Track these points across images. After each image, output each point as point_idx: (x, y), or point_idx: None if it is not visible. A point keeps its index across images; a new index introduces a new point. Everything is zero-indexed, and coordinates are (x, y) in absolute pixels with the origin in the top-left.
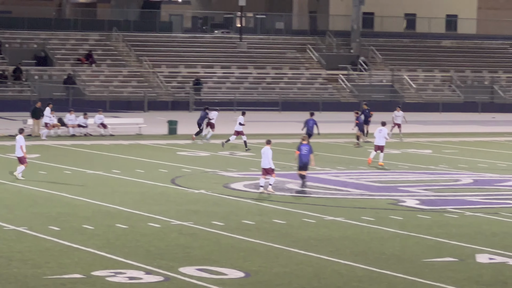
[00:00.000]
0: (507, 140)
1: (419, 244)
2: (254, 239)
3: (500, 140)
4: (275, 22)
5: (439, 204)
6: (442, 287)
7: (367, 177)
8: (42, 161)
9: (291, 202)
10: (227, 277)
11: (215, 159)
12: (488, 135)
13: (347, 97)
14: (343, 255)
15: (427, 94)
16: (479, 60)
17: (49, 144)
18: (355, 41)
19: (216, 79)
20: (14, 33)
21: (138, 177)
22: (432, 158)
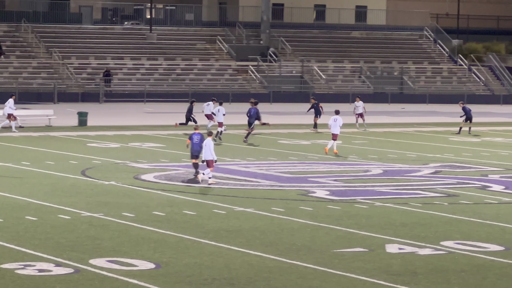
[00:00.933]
0: (416, 131)
1: (329, 235)
2: (164, 230)
3: (410, 131)
4: (185, 14)
5: (349, 194)
6: (352, 277)
7: (277, 168)
8: None
9: (201, 194)
10: (138, 268)
11: (126, 151)
12: (397, 125)
13: (257, 88)
14: (254, 246)
15: (337, 85)
16: (388, 51)
17: None
18: (265, 32)
19: (126, 70)
20: None
21: (48, 169)
22: (342, 149)
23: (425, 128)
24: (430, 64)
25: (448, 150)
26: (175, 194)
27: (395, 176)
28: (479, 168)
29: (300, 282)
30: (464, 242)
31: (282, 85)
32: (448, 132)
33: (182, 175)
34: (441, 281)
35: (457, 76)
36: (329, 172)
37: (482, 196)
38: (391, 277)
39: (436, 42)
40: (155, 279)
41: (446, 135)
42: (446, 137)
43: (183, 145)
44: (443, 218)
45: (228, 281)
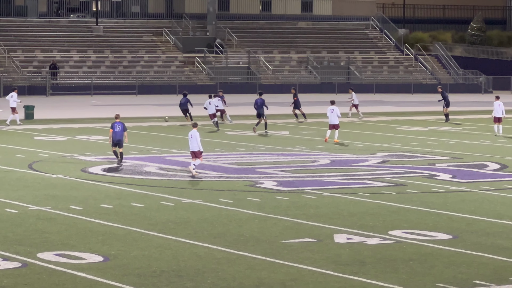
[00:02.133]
0: (364, 121)
1: (277, 226)
2: (112, 223)
3: (357, 121)
4: (131, 6)
5: (296, 185)
6: (300, 267)
7: (224, 159)
8: None
9: (149, 186)
10: (86, 261)
11: (73, 144)
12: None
13: (204, 80)
14: (202, 237)
15: (283, 75)
16: (335, 41)
17: None
18: (211, 24)
19: (73, 63)
20: None
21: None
22: (289, 140)
23: (372, 117)
24: (377, 54)
25: (395, 140)
26: (123, 186)
27: (343, 166)
28: (426, 157)
29: (249, 273)
30: (412, 231)
31: (229, 77)
32: (396, 121)
33: (129, 167)
34: (389, 270)
35: (403, 65)
36: (277, 163)
37: (430, 185)
38: (339, 267)
39: (382, 32)
40: (103, 272)
41: (393, 125)
42: (393, 127)
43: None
44: (391, 207)
45: (176, 273)
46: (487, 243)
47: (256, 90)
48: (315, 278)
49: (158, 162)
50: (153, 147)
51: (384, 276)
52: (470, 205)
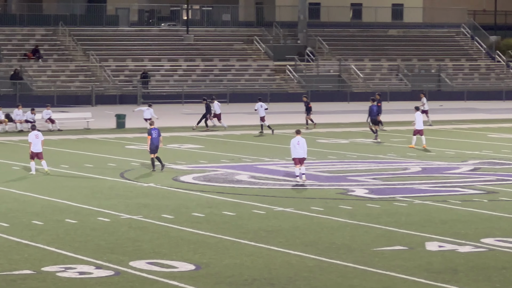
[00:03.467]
0: (454, 128)
1: (368, 233)
2: (204, 232)
3: (448, 128)
4: (222, 14)
5: (388, 193)
6: (392, 275)
7: (315, 167)
8: None
9: (240, 194)
10: (178, 270)
11: (164, 152)
12: (436, 123)
13: (295, 88)
14: (293, 245)
15: (374, 83)
16: (425, 49)
17: None
18: (302, 32)
19: (164, 72)
20: None
21: (87, 172)
22: (381, 147)
23: (464, 125)
24: (468, 61)
25: (486, 147)
26: (214, 195)
27: (434, 174)
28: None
29: (340, 281)
30: (505, 239)
31: (320, 85)
32: (487, 129)
33: (221, 176)
34: (482, 278)
35: (495, 72)
36: (368, 171)
37: None
38: (431, 275)
39: (473, 39)
40: (195, 280)
41: (485, 132)
42: (484, 134)
43: (222, 146)
44: (483, 215)
45: (268, 281)
46: None
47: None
48: (407, 286)
49: (250, 170)
50: (244, 156)
51: (477, 285)
52: None
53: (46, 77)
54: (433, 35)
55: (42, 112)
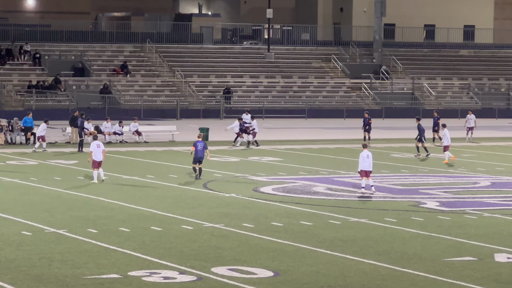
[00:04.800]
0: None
1: (439, 244)
2: (282, 240)
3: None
4: (301, 33)
5: (458, 205)
6: (462, 285)
7: (389, 180)
8: (80, 167)
9: (317, 205)
10: (257, 276)
11: (245, 164)
12: (505, 140)
13: (370, 105)
14: (367, 254)
15: (446, 101)
16: (495, 68)
17: (86, 151)
18: (377, 51)
19: (245, 88)
20: (53, 46)
21: (171, 182)
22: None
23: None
24: None
25: None
26: (292, 205)
27: (503, 188)
28: None
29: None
30: None
31: (394, 101)
32: None
33: (299, 187)
34: None
35: None
36: (439, 184)
37: None
38: (500, 285)
39: None
40: (273, 286)
41: None
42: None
43: (301, 159)
44: None
45: (343, 287)
46: None
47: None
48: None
49: (326, 182)
50: (321, 168)
51: None
52: None
53: (133, 92)
54: (503, 55)
55: (129, 125)
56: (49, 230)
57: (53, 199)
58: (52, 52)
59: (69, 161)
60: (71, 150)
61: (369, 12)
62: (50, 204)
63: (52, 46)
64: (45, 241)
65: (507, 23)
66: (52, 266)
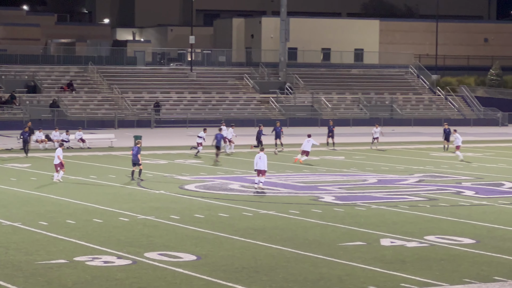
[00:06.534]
0: (403, 148)
1: (335, 232)
2: (203, 229)
3: (398, 148)
4: (219, 56)
5: (350, 199)
6: (354, 265)
7: (293, 178)
8: (33, 170)
9: (232, 200)
10: (183, 260)
11: (172, 166)
12: (388, 144)
13: (276, 115)
14: (275, 241)
15: (340, 112)
16: (381, 84)
17: (39, 156)
18: (282, 71)
19: (172, 102)
20: (9, 67)
21: (111, 181)
22: (345, 163)
23: (411, 146)
24: (414, 94)
25: (429, 163)
26: (212, 200)
27: (387, 184)
28: (454, 177)
29: (312, 269)
30: (443, 236)
31: (297, 113)
32: (429, 149)
33: (217, 185)
34: (425, 267)
35: (436, 104)
36: (335, 182)
37: (457, 200)
38: (385, 265)
39: (419, 77)
40: (196, 268)
41: (428, 151)
42: (427, 153)
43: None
44: (426, 217)
45: (254, 269)
46: (504, 247)
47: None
48: (365, 274)
49: (240, 181)
50: (236, 169)
51: (421, 273)
52: (490, 216)
53: (78, 106)
54: (387, 74)
55: (75, 134)
56: (6, 223)
57: (9, 196)
58: (8, 73)
59: (23, 164)
60: (25, 155)
61: (275, 38)
62: (7, 201)
63: (8, 67)
64: (2, 232)
65: (390, 47)
66: (8, 253)
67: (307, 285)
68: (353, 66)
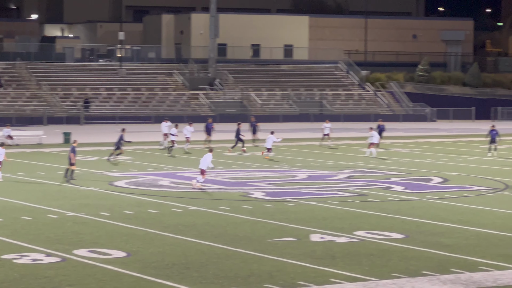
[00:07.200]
0: (333, 144)
1: (265, 227)
2: (133, 226)
3: (328, 144)
4: (148, 52)
5: (280, 195)
6: (284, 261)
7: (223, 174)
8: None
9: (163, 196)
10: (112, 256)
11: (102, 163)
12: (319, 140)
13: (206, 111)
14: (205, 237)
15: (270, 108)
16: (310, 80)
17: None
18: (212, 67)
19: (102, 98)
20: None
21: (40, 178)
22: (275, 159)
23: (341, 141)
24: (344, 90)
25: (359, 159)
26: (142, 196)
27: (317, 180)
28: (383, 173)
29: (243, 265)
30: (372, 231)
31: (226, 109)
32: (359, 144)
33: (147, 181)
34: (354, 263)
35: (365, 99)
36: (265, 178)
37: (386, 195)
38: (315, 260)
39: (348, 73)
40: (126, 265)
41: (357, 147)
42: (357, 148)
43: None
44: (356, 212)
45: (185, 265)
46: (432, 241)
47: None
48: (295, 270)
49: (170, 177)
50: (166, 165)
51: (350, 268)
52: (419, 211)
53: (6, 102)
54: (316, 70)
55: (2, 130)
56: None
57: None
58: None
59: None
60: None
61: (205, 34)
62: None
63: None
64: None
65: (319, 43)
66: None
67: (237, 281)
68: (283, 62)
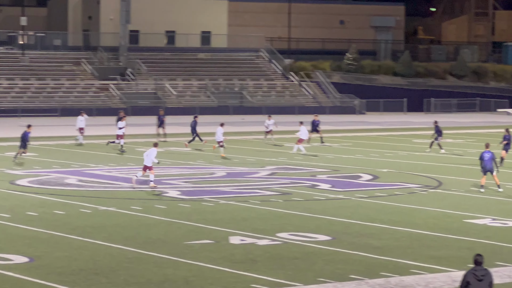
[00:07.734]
0: (254, 138)
1: (180, 229)
2: (37, 228)
3: (249, 139)
4: (53, 39)
5: (197, 194)
6: (201, 265)
7: (135, 172)
8: None
9: (69, 195)
10: (13, 262)
11: (2, 159)
12: (239, 134)
13: (117, 104)
14: (115, 240)
15: (186, 100)
16: (230, 70)
17: None
18: (123, 55)
19: (2, 89)
20: None
21: None
22: (191, 155)
23: (262, 136)
24: (266, 80)
25: (282, 155)
26: (46, 196)
27: (237, 178)
28: (309, 170)
29: (156, 270)
30: (297, 233)
31: (139, 101)
32: (283, 139)
33: (53, 179)
34: (277, 267)
35: (289, 90)
36: (180, 175)
37: (312, 194)
38: (234, 265)
39: (270, 62)
40: (29, 271)
41: (281, 142)
42: (281, 144)
43: (54, 154)
44: (279, 213)
45: (93, 271)
46: (361, 243)
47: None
48: (213, 275)
49: (78, 175)
50: (73, 162)
51: (273, 272)
52: (347, 210)
53: None
54: (236, 58)
55: None
56: None
57: None
58: None
59: None
60: None
61: (116, 20)
62: None
63: None
64: None
65: (239, 29)
66: None
67: (150, 287)
68: (200, 50)
